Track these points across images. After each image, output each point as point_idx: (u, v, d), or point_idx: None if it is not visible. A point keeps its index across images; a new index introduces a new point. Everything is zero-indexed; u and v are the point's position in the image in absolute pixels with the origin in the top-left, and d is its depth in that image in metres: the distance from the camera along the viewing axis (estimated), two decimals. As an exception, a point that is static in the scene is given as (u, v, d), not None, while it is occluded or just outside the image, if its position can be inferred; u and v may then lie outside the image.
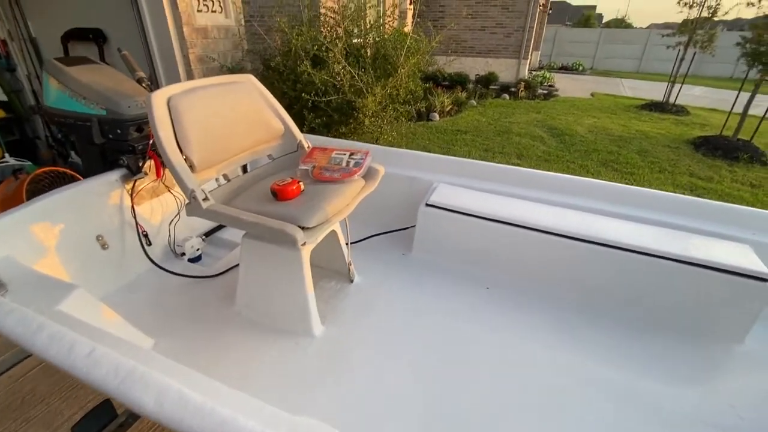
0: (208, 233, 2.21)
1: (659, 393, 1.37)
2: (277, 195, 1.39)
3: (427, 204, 1.96)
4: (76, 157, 3.42)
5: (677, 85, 8.48)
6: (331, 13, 4.33)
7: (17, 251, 1.35)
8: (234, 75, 1.73)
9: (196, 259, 2.01)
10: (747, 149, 5.66)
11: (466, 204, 1.91)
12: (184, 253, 1.97)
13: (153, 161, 1.76)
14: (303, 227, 1.27)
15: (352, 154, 1.61)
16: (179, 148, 1.33)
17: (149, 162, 1.77)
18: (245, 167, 2.14)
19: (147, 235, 1.83)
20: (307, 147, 1.78)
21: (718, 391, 1.40)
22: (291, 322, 1.55)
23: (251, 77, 1.74)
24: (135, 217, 1.76)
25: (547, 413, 1.29)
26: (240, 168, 2.08)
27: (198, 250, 2.01)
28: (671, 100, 8.67)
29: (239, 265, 1.59)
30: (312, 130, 3.82)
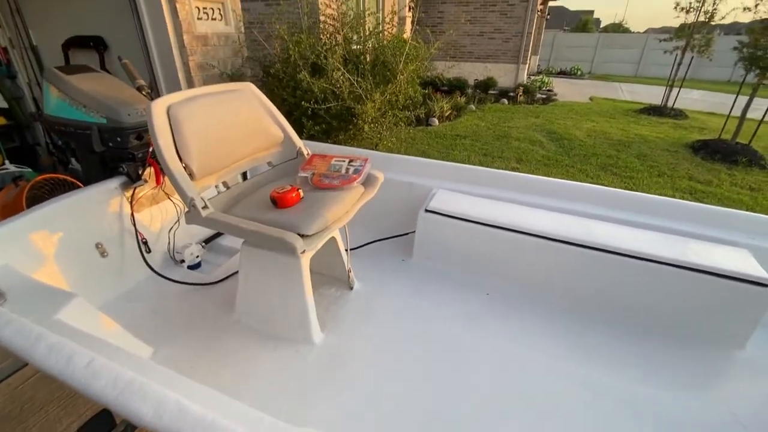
0: (207, 240, 2.21)
1: (660, 400, 1.36)
2: (277, 203, 1.40)
3: (427, 210, 1.96)
4: (76, 164, 3.42)
5: (675, 89, 8.52)
6: (331, 20, 4.35)
7: (16, 260, 1.36)
8: (233, 83, 1.74)
9: (195, 266, 2.01)
10: (746, 152, 5.68)
11: (465, 210, 1.91)
12: (183, 260, 1.97)
13: (153, 168, 1.76)
14: (302, 235, 1.27)
15: (351, 161, 1.62)
16: (179, 156, 1.33)
17: (149, 169, 1.78)
18: (245, 174, 2.14)
19: (146, 243, 1.83)
20: (307, 154, 1.79)
21: (719, 398, 1.39)
22: (291, 329, 1.55)
23: (250, 85, 1.75)
24: (134, 225, 1.76)
25: (548, 420, 1.28)
26: (240, 175, 2.08)
27: (197, 257, 2.01)
28: (669, 103, 8.70)
29: (239, 273, 1.59)
30: (311, 137, 3.83)
